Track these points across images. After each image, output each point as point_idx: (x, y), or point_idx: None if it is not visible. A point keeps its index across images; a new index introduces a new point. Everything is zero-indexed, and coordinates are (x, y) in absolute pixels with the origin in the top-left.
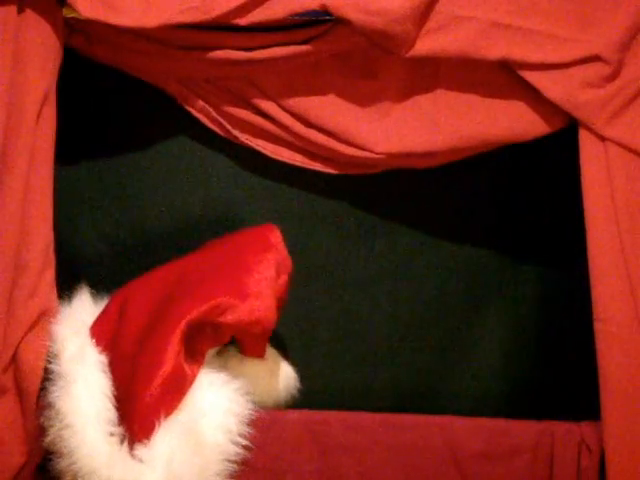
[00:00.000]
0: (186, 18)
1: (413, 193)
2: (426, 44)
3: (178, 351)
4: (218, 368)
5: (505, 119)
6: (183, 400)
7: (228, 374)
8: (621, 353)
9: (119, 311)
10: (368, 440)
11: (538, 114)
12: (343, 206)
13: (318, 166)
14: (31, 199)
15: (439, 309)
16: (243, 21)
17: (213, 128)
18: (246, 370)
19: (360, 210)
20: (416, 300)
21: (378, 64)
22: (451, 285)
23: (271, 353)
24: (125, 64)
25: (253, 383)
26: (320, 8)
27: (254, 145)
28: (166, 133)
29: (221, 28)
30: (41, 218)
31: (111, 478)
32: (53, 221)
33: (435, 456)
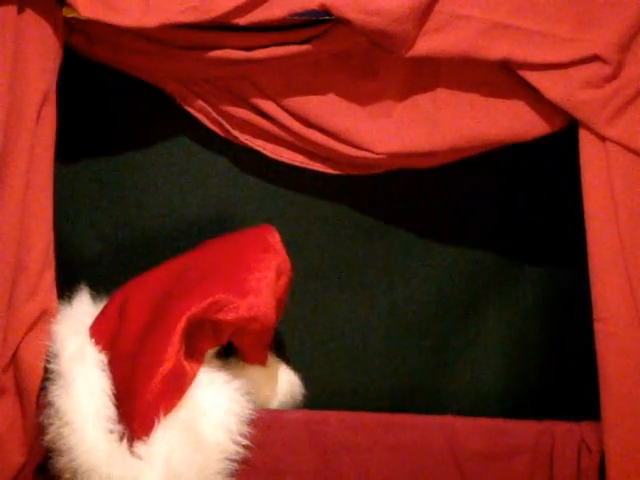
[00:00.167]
0: (186, 18)
1: (413, 193)
2: (426, 44)
3: (178, 349)
4: (218, 369)
5: (505, 119)
6: (183, 398)
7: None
8: (621, 353)
9: (118, 310)
10: (368, 440)
11: (538, 114)
12: (341, 207)
13: (318, 166)
14: (31, 199)
15: (439, 309)
16: (243, 21)
17: (213, 128)
18: (248, 378)
19: (359, 211)
20: (415, 300)
21: (378, 64)
22: (451, 285)
23: (273, 361)
24: (125, 64)
25: (256, 391)
26: (320, 8)
27: (254, 145)
28: (166, 133)
29: (221, 28)
30: (41, 218)
31: (110, 475)
32: (53, 221)
33: (435, 456)
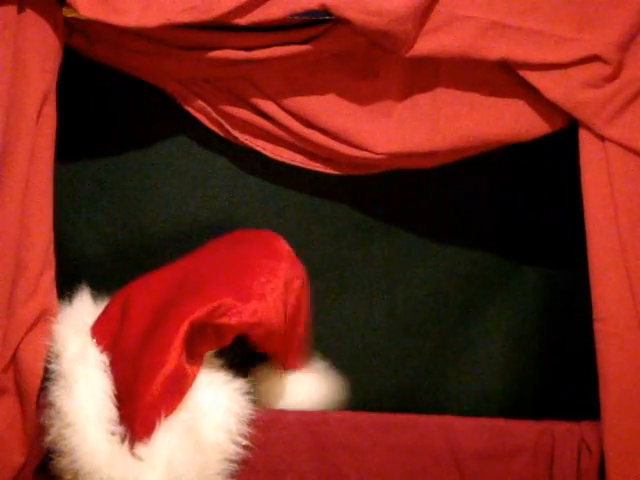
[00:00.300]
0: (186, 18)
1: (413, 193)
2: (426, 44)
3: (180, 351)
4: (218, 368)
5: (505, 119)
6: (184, 400)
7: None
8: (621, 353)
9: (121, 311)
10: (368, 440)
11: (538, 114)
12: (341, 207)
13: (318, 167)
14: (31, 199)
15: (439, 309)
16: (243, 21)
17: (213, 128)
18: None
19: (359, 210)
20: (415, 300)
21: (378, 64)
22: (451, 285)
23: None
24: (125, 64)
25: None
26: (320, 8)
27: (254, 145)
28: (166, 133)
29: (221, 28)
30: (41, 218)
31: (112, 477)
32: (53, 221)
33: (435, 456)
